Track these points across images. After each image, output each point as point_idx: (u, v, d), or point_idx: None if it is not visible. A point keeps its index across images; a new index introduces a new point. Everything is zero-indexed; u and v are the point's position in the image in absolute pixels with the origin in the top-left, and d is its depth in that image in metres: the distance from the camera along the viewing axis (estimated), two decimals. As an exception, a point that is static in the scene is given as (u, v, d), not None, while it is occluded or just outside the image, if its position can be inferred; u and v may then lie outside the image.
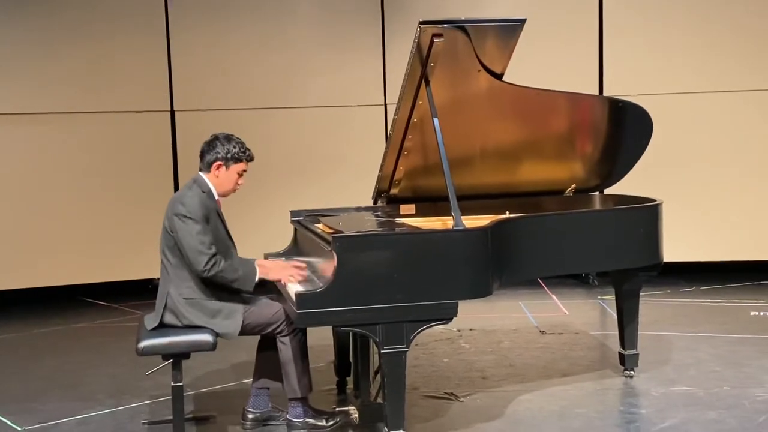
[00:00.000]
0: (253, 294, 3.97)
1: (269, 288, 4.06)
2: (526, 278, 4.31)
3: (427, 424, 4.12)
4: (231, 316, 3.87)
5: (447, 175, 3.85)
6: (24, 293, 7.22)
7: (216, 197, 3.99)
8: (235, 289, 3.90)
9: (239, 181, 4.03)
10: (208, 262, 3.76)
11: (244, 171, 4.03)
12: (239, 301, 3.93)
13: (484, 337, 5.74)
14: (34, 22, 7.05)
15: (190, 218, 3.80)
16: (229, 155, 3.95)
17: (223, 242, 3.96)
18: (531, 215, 4.33)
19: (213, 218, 3.92)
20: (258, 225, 6.82)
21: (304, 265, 4.02)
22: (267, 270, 3.93)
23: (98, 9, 7.20)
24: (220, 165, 3.96)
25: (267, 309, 3.93)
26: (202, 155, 4.00)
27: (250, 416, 4.12)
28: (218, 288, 3.88)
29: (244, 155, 3.99)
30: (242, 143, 4.02)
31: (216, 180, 3.97)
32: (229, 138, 4.00)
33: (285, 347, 3.92)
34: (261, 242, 4.98)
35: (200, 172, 4.01)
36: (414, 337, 3.59)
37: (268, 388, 4.13)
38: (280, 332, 3.92)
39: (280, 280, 3.93)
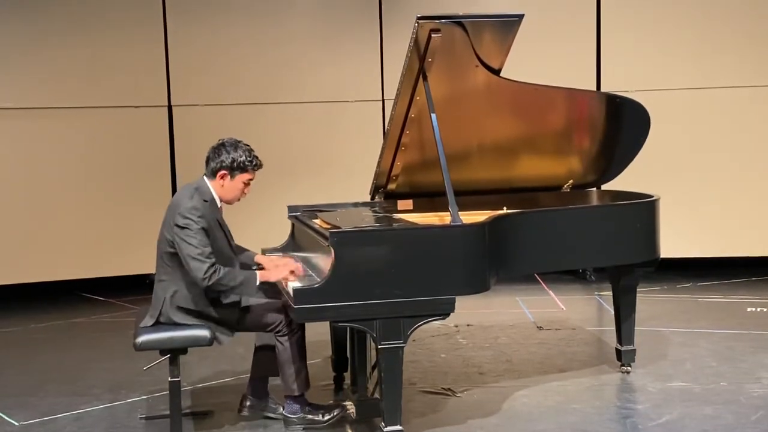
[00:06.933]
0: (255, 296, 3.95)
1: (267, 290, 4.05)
2: (523, 273, 4.32)
3: (423, 419, 4.12)
4: (223, 325, 3.85)
5: (444, 170, 3.85)
6: (21, 288, 7.21)
7: (219, 205, 3.92)
8: (230, 302, 3.86)
9: (245, 190, 3.93)
10: (207, 270, 3.66)
11: (251, 180, 3.91)
12: (236, 307, 3.90)
13: (482, 332, 5.74)
14: (31, 16, 7.04)
15: (188, 228, 3.70)
16: (235, 164, 3.83)
17: (223, 253, 3.87)
18: (528, 211, 4.32)
19: (214, 228, 3.83)
20: (255, 220, 6.81)
21: (298, 264, 3.93)
22: (267, 275, 3.85)
23: (95, 3, 7.18)
24: (225, 174, 3.85)
25: (266, 309, 3.93)
26: (207, 161, 3.89)
27: (248, 403, 4.13)
28: (212, 300, 3.84)
29: (251, 164, 3.86)
30: (250, 151, 3.88)
31: (220, 189, 3.87)
32: (236, 145, 3.86)
33: (283, 348, 3.91)
34: (258, 237, 4.98)
35: (205, 177, 3.91)
36: (411, 332, 3.60)
37: (266, 381, 4.15)
38: (278, 332, 3.91)
39: (282, 282, 3.86)
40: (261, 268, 4.07)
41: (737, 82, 7.15)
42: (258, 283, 3.80)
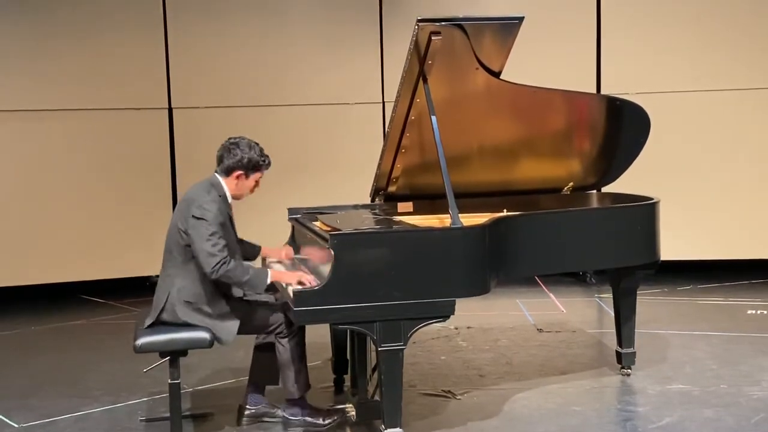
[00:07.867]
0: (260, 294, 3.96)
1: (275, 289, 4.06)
2: (524, 276, 4.32)
3: (424, 421, 4.12)
4: (227, 322, 3.85)
5: (444, 172, 3.85)
6: (22, 290, 7.21)
7: (230, 201, 3.97)
8: (239, 290, 3.90)
9: (255, 188, 4.02)
10: (216, 264, 3.69)
11: (261, 177, 4.02)
12: (238, 308, 3.91)
13: (482, 335, 5.74)
14: (32, 18, 7.04)
15: (205, 220, 3.74)
16: (251, 164, 3.92)
17: (230, 248, 3.88)
18: (528, 213, 4.33)
19: (226, 223, 3.89)
20: (255, 222, 6.79)
21: (310, 277, 3.86)
22: (280, 276, 3.85)
23: (96, 5, 7.18)
24: (241, 174, 3.92)
25: (267, 310, 3.93)
26: (221, 159, 3.94)
27: (247, 412, 4.12)
28: (219, 294, 3.87)
29: (264, 164, 3.97)
30: (262, 149, 3.98)
31: (234, 187, 3.95)
32: (251, 145, 3.94)
33: (283, 349, 3.92)
34: (259, 240, 4.96)
35: (217, 174, 3.96)
36: (411, 334, 3.60)
37: (264, 386, 4.14)
38: (279, 333, 3.92)
39: (292, 283, 3.80)
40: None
41: (737, 85, 7.15)
42: (269, 282, 3.81)
